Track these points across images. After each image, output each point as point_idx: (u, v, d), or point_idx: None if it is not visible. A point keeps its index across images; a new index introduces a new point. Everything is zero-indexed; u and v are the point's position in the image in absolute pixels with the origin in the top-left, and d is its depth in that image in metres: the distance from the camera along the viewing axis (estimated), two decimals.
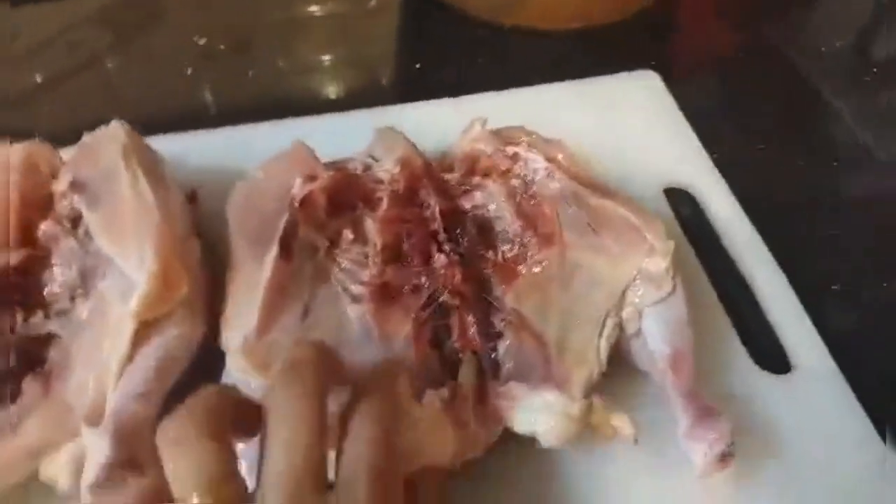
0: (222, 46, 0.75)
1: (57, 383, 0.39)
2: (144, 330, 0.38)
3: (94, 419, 0.36)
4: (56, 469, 0.36)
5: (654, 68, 0.66)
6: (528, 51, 0.73)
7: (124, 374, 0.37)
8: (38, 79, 0.72)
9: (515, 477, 0.41)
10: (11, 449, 0.36)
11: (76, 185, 0.44)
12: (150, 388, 0.37)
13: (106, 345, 0.38)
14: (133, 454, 0.34)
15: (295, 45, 0.77)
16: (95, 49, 0.74)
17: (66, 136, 0.50)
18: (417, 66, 0.73)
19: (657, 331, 0.42)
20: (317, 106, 0.67)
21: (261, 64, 0.73)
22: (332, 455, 0.30)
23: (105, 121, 0.49)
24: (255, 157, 0.48)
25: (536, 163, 0.48)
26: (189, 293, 0.40)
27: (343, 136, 0.51)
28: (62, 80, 0.71)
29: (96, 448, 0.34)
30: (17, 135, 0.49)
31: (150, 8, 0.79)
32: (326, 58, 0.77)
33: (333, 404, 0.31)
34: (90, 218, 0.42)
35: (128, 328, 0.38)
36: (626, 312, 0.42)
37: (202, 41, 0.75)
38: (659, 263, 0.42)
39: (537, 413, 0.39)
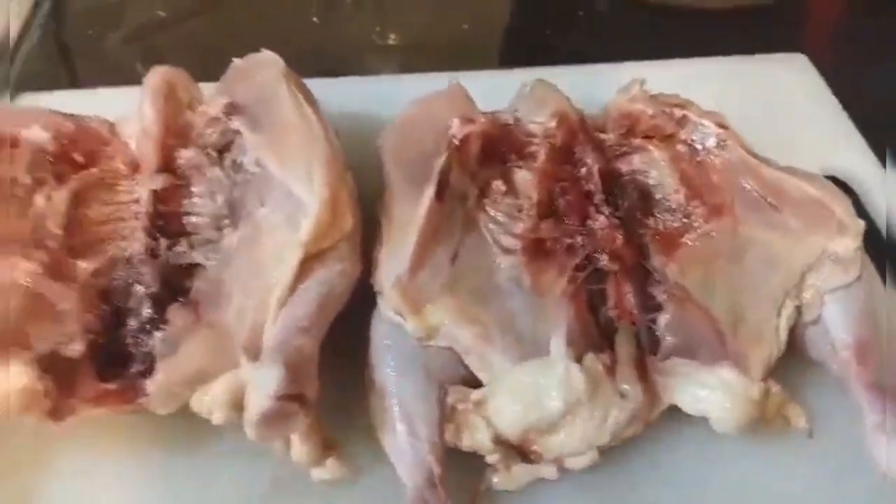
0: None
1: (209, 312, 0.37)
2: (309, 262, 0.36)
3: (253, 350, 0.34)
4: (212, 401, 0.34)
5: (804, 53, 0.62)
6: (673, 28, 0.70)
7: (286, 306, 0.35)
8: (162, 14, 0.71)
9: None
10: (172, 374, 0.35)
11: (234, 108, 0.42)
12: (313, 323, 0.35)
13: (267, 274, 0.36)
14: (301, 388, 0.32)
15: (416, 7, 0.75)
16: None
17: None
18: (547, 32, 0.70)
19: (840, 318, 0.38)
20: (440, 66, 0.64)
21: (387, 19, 0.71)
22: None
23: (227, 61, 0.48)
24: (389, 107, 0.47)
25: (707, 129, 0.44)
26: (352, 227, 0.37)
27: (479, 95, 0.49)
28: (186, 18, 0.70)
29: (263, 380, 0.32)
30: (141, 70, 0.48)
31: None
32: (451, 20, 0.74)
33: None
34: (252, 139, 0.41)
35: (294, 257, 0.36)
36: (807, 296, 0.39)
37: None
38: (848, 244, 0.39)
39: (711, 392, 0.36)
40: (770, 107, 0.57)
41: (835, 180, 0.51)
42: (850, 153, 0.54)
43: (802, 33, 0.74)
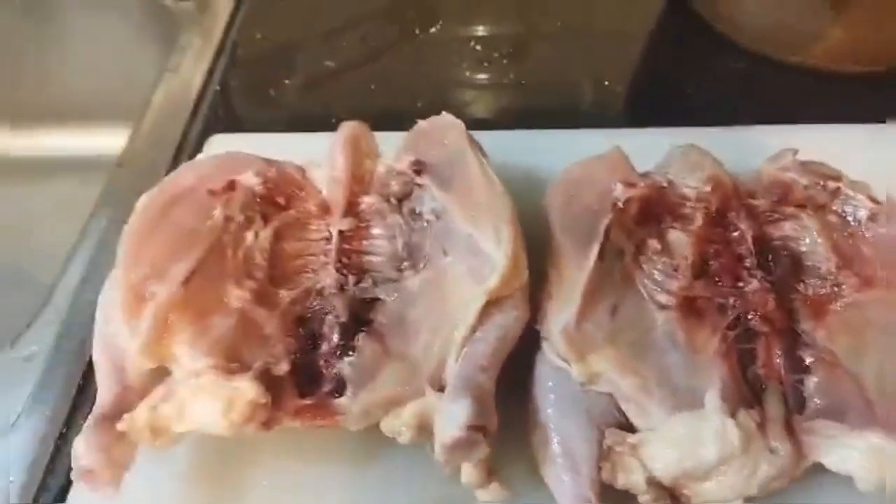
0: (496, 54, 0.79)
1: (394, 344, 0.42)
2: (488, 307, 0.41)
3: (436, 380, 0.39)
4: (402, 423, 0.39)
5: None
6: (810, 90, 0.71)
7: (468, 345, 0.40)
8: (331, 64, 0.79)
9: None
10: (371, 397, 0.40)
11: (422, 164, 0.48)
12: (491, 363, 0.39)
13: (451, 315, 0.41)
14: (486, 420, 0.36)
15: (563, 56, 0.79)
16: (381, 41, 0.80)
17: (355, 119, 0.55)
18: (689, 91, 0.73)
19: None
20: (574, 121, 0.68)
21: (532, 74, 0.77)
22: None
23: (389, 109, 0.53)
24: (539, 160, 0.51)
25: (859, 203, 0.46)
26: (527, 280, 0.42)
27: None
28: (352, 68, 0.78)
29: (454, 410, 0.36)
30: (313, 115, 0.54)
31: (431, 6, 0.84)
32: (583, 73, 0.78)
33: None
34: (440, 196, 0.46)
35: (478, 302, 0.41)
36: None
37: (478, 46, 0.80)
38: None
39: (858, 452, 0.38)
40: None
41: None
42: None
43: None
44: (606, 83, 0.76)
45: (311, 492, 0.42)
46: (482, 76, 0.77)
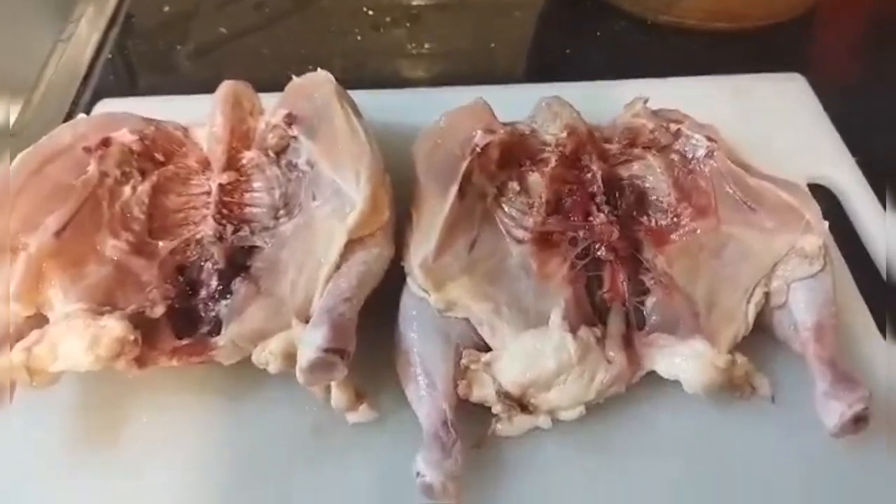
0: (388, 19, 0.81)
1: (266, 284, 0.44)
2: (352, 245, 0.44)
3: (303, 315, 0.42)
4: (269, 354, 0.42)
5: (803, 74, 0.68)
6: (678, 47, 0.76)
7: (332, 279, 0.43)
8: (224, 31, 0.80)
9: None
10: (238, 331, 0.42)
11: (292, 118, 0.50)
12: (354, 294, 0.42)
13: (317, 254, 0.44)
14: (343, 344, 0.39)
15: (448, 27, 0.82)
16: (275, 9, 0.82)
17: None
18: (567, 51, 0.77)
19: (803, 303, 0.44)
20: (464, 81, 0.71)
21: (417, 40, 0.79)
22: None
23: (281, 73, 0.55)
24: (422, 116, 0.54)
25: (698, 142, 0.51)
26: (388, 219, 0.45)
27: (500, 106, 0.55)
28: (245, 34, 0.79)
29: (312, 336, 0.39)
30: (206, 80, 0.56)
31: None
32: (474, 40, 0.81)
33: None
34: (308, 145, 0.48)
35: (339, 241, 0.44)
36: (775, 284, 0.45)
37: (370, 12, 0.82)
38: (814, 242, 0.45)
39: (683, 359, 0.42)
40: (767, 122, 0.63)
41: (819, 188, 0.58)
42: (836, 166, 0.59)
43: (809, 54, 0.80)
44: (493, 45, 0.79)
45: (189, 425, 0.44)
46: (375, 42, 0.79)
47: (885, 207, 0.55)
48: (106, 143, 0.50)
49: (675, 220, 0.49)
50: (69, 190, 0.47)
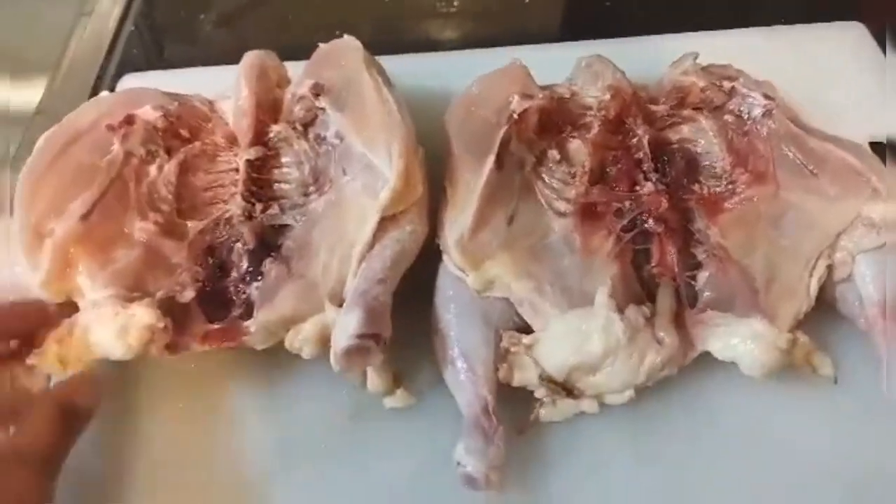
0: None
1: (298, 265, 0.43)
2: (385, 223, 0.42)
3: (337, 298, 0.41)
4: (302, 339, 0.40)
5: (863, 22, 0.63)
6: None
7: (365, 261, 0.41)
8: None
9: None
10: (270, 316, 0.41)
11: (319, 88, 0.47)
12: (388, 275, 0.40)
13: (349, 233, 0.42)
14: (378, 329, 0.37)
15: None
16: None
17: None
18: (607, 3, 0.73)
19: (870, 277, 0.41)
20: (497, 41, 0.68)
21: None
22: None
23: (307, 40, 0.53)
24: (455, 81, 0.51)
25: (755, 100, 0.47)
26: (422, 194, 0.43)
27: (537, 67, 0.52)
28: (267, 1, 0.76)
29: (346, 321, 0.37)
30: (232, 49, 0.54)
31: None
32: None
33: None
34: (336, 118, 0.46)
35: (372, 220, 0.41)
36: (839, 256, 0.42)
37: None
38: (881, 210, 0.41)
39: (741, 340, 0.39)
40: (824, 74, 0.58)
41: (882, 146, 0.53)
42: None
43: (869, 1, 0.74)
44: (527, 1, 0.75)
45: (224, 411, 0.43)
46: (403, 3, 0.76)
47: None
48: (129, 120, 0.48)
49: (729, 187, 0.46)
50: (94, 171, 0.45)
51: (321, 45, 0.52)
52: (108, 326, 0.38)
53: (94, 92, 0.68)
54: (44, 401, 0.39)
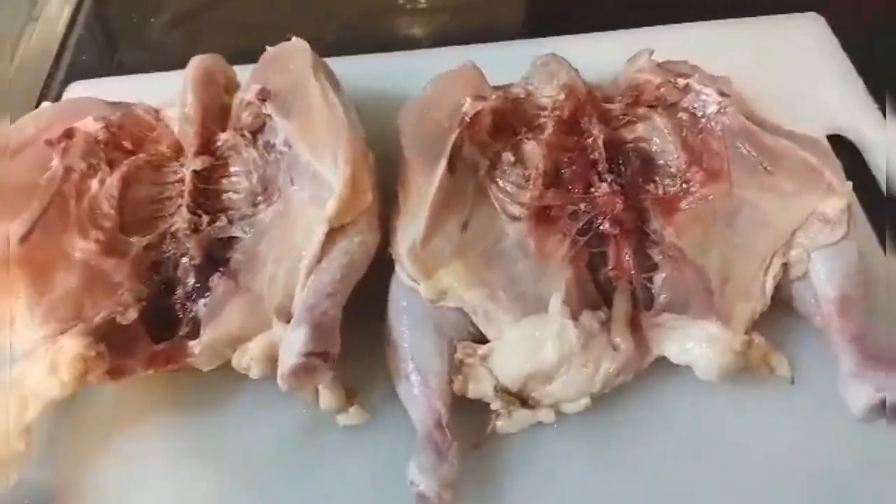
0: None
1: (245, 279, 0.41)
2: (333, 234, 0.41)
3: (284, 313, 0.39)
4: (249, 358, 0.39)
5: (821, 13, 0.62)
6: None
7: (314, 274, 0.40)
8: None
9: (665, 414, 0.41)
10: (216, 334, 0.40)
11: (265, 93, 0.46)
12: (337, 289, 0.39)
13: (296, 245, 0.41)
14: (325, 346, 0.36)
15: None
16: None
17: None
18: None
19: (825, 274, 0.41)
20: (462, 39, 0.67)
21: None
22: None
23: (260, 43, 0.51)
24: (408, 82, 0.50)
25: (709, 97, 0.46)
26: (371, 202, 0.42)
27: (496, 66, 0.51)
28: (220, 3, 0.74)
29: (293, 339, 0.36)
30: (185, 53, 0.53)
31: None
32: None
33: None
34: (283, 124, 0.45)
35: (319, 231, 0.40)
36: (794, 254, 0.41)
37: None
38: (836, 205, 0.41)
39: (697, 344, 0.39)
40: (783, 66, 0.58)
41: (839, 139, 0.53)
42: (857, 112, 0.55)
43: None
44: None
45: (172, 433, 0.42)
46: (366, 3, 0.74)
47: None
48: (69, 134, 0.47)
49: (684, 186, 0.45)
50: (33, 189, 0.44)
51: (269, 48, 0.50)
52: (40, 367, 0.37)
53: (42, 99, 0.66)
54: None
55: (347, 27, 0.72)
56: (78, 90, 0.62)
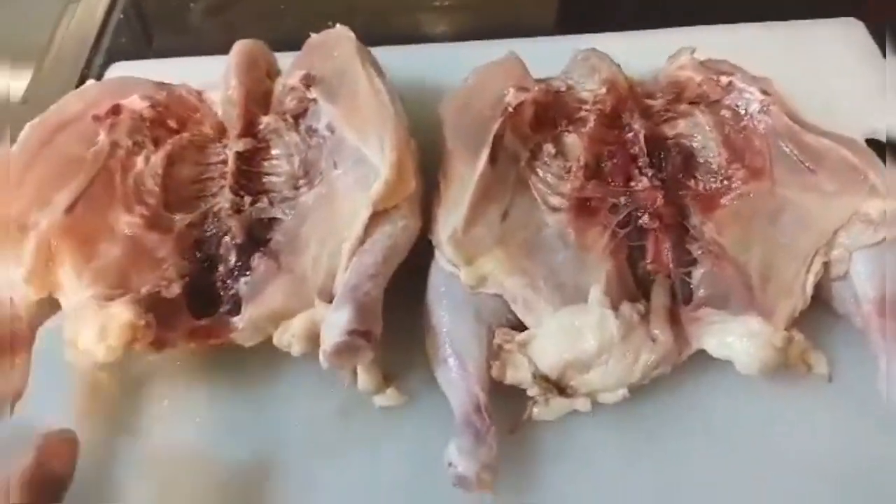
0: None
1: (287, 259, 0.42)
2: (376, 218, 0.41)
3: (326, 293, 0.40)
4: (291, 335, 0.39)
5: (861, 19, 0.62)
6: None
7: (356, 256, 0.40)
8: None
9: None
10: (258, 311, 0.40)
11: (310, 79, 0.47)
12: (379, 271, 0.39)
13: (339, 228, 0.41)
14: (368, 325, 0.36)
15: None
16: None
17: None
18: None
19: (866, 274, 0.40)
20: (491, 34, 0.67)
21: None
22: None
23: (299, 30, 0.52)
24: (449, 74, 0.50)
25: (752, 95, 0.47)
26: (414, 188, 0.42)
27: (532, 60, 0.51)
28: None
29: (336, 318, 0.37)
30: (221, 39, 0.53)
31: None
32: None
33: None
34: (328, 109, 0.45)
35: (364, 214, 0.41)
36: (836, 253, 0.41)
37: None
38: (878, 206, 0.41)
39: (737, 338, 0.39)
40: (821, 70, 0.58)
41: (877, 143, 0.53)
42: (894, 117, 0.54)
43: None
44: None
45: (211, 410, 0.43)
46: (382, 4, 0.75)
47: None
48: (116, 110, 0.47)
49: (725, 182, 0.45)
50: (80, 162, 0.45)
51: (313, 35, 0.51)
52: (89, 328, 0.37)
53: (82, 81, 0.66)
54: (20, 472, 0.34)
55: (378, 21, 0.73)
56: (118, 71, 0.63)
